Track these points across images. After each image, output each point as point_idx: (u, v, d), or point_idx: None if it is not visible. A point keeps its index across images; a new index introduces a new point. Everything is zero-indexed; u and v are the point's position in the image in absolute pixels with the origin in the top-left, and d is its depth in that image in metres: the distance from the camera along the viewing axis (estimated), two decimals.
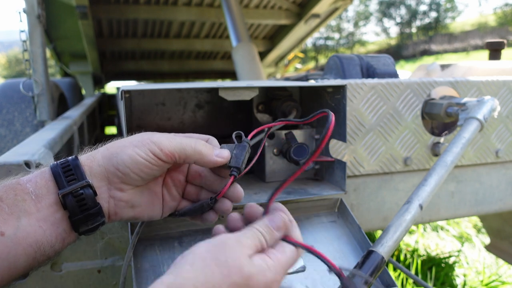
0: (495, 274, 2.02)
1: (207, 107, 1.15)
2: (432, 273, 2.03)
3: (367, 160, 1.03)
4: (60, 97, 2.44)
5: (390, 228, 0.72)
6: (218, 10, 3.55)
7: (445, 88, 1.09)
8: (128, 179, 0.58)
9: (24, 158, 0.78)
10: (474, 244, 2.49)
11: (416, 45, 30.10)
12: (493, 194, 1.19)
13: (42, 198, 0.54)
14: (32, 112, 1.93)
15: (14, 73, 30.60)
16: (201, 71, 4.74)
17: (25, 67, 1.54)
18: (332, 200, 0.90)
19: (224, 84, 0.81)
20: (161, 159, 0.58)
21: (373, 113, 1.02)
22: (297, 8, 3.77)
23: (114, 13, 3.29)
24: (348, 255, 0.81)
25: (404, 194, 1.10)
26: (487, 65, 1.41)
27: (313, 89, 0.96)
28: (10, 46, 36.98)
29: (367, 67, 1.23)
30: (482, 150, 1.15)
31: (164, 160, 0.58)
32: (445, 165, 0.83)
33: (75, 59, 3.74)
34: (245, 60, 2.46)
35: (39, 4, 1.51)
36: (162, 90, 1.09)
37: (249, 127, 1.05)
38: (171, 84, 0.99)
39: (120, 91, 0.76)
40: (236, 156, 0.62)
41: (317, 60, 32.91)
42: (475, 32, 27.95)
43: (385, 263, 0.68)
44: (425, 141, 1.08)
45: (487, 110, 0.92)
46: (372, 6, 37.77)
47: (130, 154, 0.57)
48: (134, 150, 0.57)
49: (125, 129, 0.77)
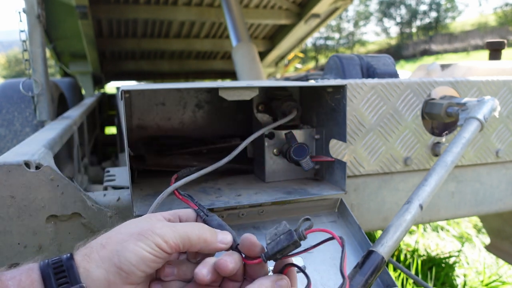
0: (495, 274, 2.02)
1: (207, 107, 1.15)
2: (432, 273, 2.03)
3: (367, 160, 1.03)
4: (60, 97, 2.44)
5: (390, 228, 0.72)
6: (218, 10, 3.55)
7: (445, 88, 1.09)
8: (132, 277, 0.51)
9: (24, 158, 0.78)
10: (474, 244, 2.48)
11: (416, 45, 30.10)
12: (493, 194, 1.19)
13: None
14: (32, 112, 1.93)
15: (14, 73, 30.62)
16: (201, 71, 4.75)
17: (25, 67, 1.54)
18: (332, 200, 0.90)
19: (224, 84, 0.81)
20: (166, 252, 0.53)
21: (373, 113, 1.02)
22: (297, 8, 3.77)
23: (114, 13, 3.29)
24: (348, 255, 0.81)
25: (404, 194, 1.09)
26: (487, 65, 1.41)
27: (313, 89, 0.96)
28: (10, 46, 36.97)
29: (367, 67, 1.23)
30: (482, 150, 1.15)
31: (168, 253, 0.53)
32: (445, 165, 0.83)
33: (75, 59, 3.73)
34: (245, 60, 2.46)
35: (39, 4, 1.51)
36: (162, 90, 1.09)
37: (249, 127, 1.05)
38: (171, 84, 0.99)
39: (120, 91, 0.76)
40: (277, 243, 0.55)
41: (317, 60, 32.92)
42: (475, 32, 27.95)
43: (385, 263, 0.68)
44: (425, 141, 1.08)
45: (487, 110, 0.92)
46: (372, 6, 37.77)
47: (134, 250, 0.51)
48: (138, 245, 0.51)
49: (125, 129, 0.77)
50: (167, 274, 0.56)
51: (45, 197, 0.78)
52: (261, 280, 0.53)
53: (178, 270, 0.57)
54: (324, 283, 0.73)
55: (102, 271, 0.50)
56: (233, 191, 0.89)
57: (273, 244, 0.54)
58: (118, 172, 1.12)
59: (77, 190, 0.80)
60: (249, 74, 2.41)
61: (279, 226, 0.56)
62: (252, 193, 0.88)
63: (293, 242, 0.54)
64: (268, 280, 0.53)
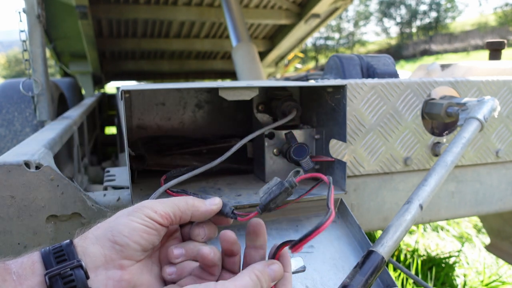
0: (495, 274, 2.02)
1: (207, 107, 1.15)
2: (432, 273, 2.03)
3: (367, 160, 1.03)
4: (60, 97, 2.44)
5: (390, 228, 0.72)
6: (218, 10, 3.55)
7: (445, 88, 1.09)
8: (128, 251, 0.53)
9: (24, 158, 0.78)
10: (474, 244, 2.49)
11: (416, 45, 30.10)
12: (493, 194, 1.19)
13: (24, 279, 0.48)
14: (32, 112, 1.93)
15: (14, 73, 30.62)
16: (201, 71, 4.75)
17: (25, 67, 1.54)
18: None
19: (224, 84, 0.81)
20: (158, 222, 0.55)
21: (373, 113, 1.02)
22: (297, 8, 3.77)
23: (114, 13, 3.30)
24: (348, 255, 0.81)
25: (404, 194, 1.09)
26: (487, 65, 1.41)
27: (313, 89, 0.96)
28: (10, 46, 36.99)
29: (367, 67, 1.23)
30: (482, 150, 1.15)
31: (161, 223, 0.55)
32: (445, 165, 0.83)
33: (75, 59, 3.74)
34: (245, 60, 2.46)
35: (39, 4, 1.51)
36: (162, 90, 1.09)
37: (249, 127, 1.05)
38: (171, 84, 0.99)
39: (120, 91, 0.76)
40: (269, 194, 0.59)
41: (317, 60, 32.91)
42: (475, 32, 27.94)
43: (385, 263, 0.68)
44: (425, 141, 1.08)
45: (487, 110, 0.92)
46: (372, 6, 37.78)
47: (126, 223, 0.53)
48: (129, 218, 0.54)
49: (125, 129, 0.77)
50: (177, 255, 0.58)
51: (45, 197, 0.78)
52: (254, 265, 0.55)
53: (186, 250, 0.59)
54: (324, 283, 0.73)
55: (97, 247, 0.52)
56: (233, 191, 0.89)
57: (266, 195, 0.58)
58: (118, 172, 1.12)
59: (77, 190, 0.80)
60: (249, 74, 2.41)
61: (270, 181, 0.60)
62: (252, 193, 0.88)
63: (285, 190, 0.57)
64: (260, 264, 0.55)
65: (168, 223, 0.56)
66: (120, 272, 0.53)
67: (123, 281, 0.52)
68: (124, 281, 0.53)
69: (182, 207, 0.57)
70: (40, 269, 0.50)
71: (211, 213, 0.60)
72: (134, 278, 0.54)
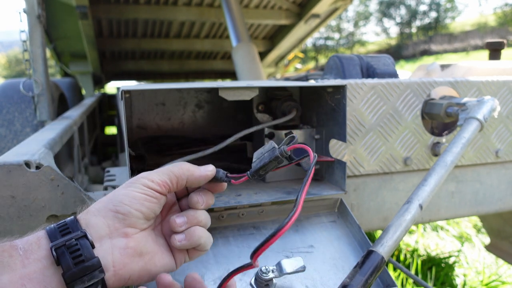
0: (495, 274, 2.02)
1: (207, 107, 1.15)
2: (432, 273, 2.03)
3: (367, 160, 1.03)
4: (60, 97, 2.44)
5: (390, 228, 0.72)
6: (218, 10, 3.55)
7: (445, 88, 1.09)
8: (131, 218, 0.54)
9: (24, 158, 0.78)
10: (474, 244, 2.49)
11: (416, 45, 30.08)
12: (493, 194, 1.19)
13: (31, 253, 0.49)
14: (32, 112, 1.93)
15: (14, 73, 30.60)
16: (201, 71, 4.75)
17: (25, 67, 1.54)
18: (332, 200, 0.90)
19: (224, 84, 0.81)
20: (156, 190, 0.57)
21: (373, 113, 1.02)
22: (297, 8, 3.77)
23: (114, 13, 3.29)
24: (348, 255, 0.81)
25: (404, 194, 1.10)
26: (487, 65, 1.41)
27: (313, 89, 0.96)
28: (10, 46, 36.97)
29: (367, 67, 1.23)
30: (482, 150, 1.15)
31: (159, 191, 0.57)
32: (445, 165, 0.83)
33: (75, 59, 3.74)
34: (245, 60, 2.46)
35: (39, 4, 1.51)
36: (162, 90, 1.09)
37: (249, 127, 1.05)
38: (171, 84, 0.99)
39: (120, 91, 0.76)
40: (260, 160, 0.60)
41: (317, 60, 32.90)
42: (475, 32, 27.93)
43: (385, 263, 0.68)
44: (425, 141, 1.08)
45: (487, 110, 0.92)
46: (372, 6, 37.76)
47: (125, 193, 0.55)
48: (128, 189, 0.56)
49: (125, 129, 0.77)
50: (180, 224, 0.59)
51: (45, 197, 0.78)
52: None
53: (188, 217, 0.60)
54: (324, 283, 0.73)
55: (100, 218, 0.53)
56: (233, 191, 0.89)
57: (257, 161, 0.59)
58: (118, 172, 1.12)
59: (77, 190, 0.80)
60: (249, 74, 2.41)
61: (266, 144, 0.61)
62: (252, 193, 0.88)
63: (275, 158, 0.58)
64: None
65: (166, 190, 0.58)
66: (125, 240, 0.54)
67: (129, 249, 0.54)
68: (130, 248, 0.54)
69: (177, 172, 0.59)
70: (45, 243, 0.51)
71: (206, 178, 0.61)
72: (140, 245, 0.55)
